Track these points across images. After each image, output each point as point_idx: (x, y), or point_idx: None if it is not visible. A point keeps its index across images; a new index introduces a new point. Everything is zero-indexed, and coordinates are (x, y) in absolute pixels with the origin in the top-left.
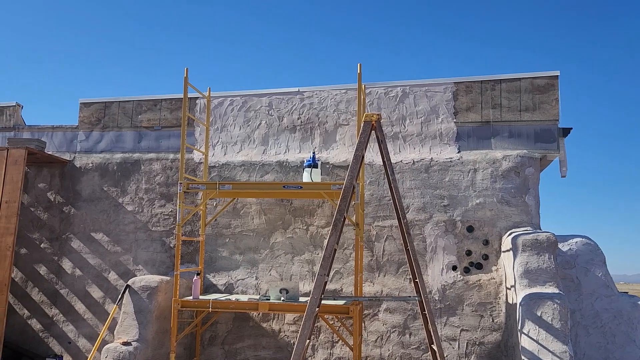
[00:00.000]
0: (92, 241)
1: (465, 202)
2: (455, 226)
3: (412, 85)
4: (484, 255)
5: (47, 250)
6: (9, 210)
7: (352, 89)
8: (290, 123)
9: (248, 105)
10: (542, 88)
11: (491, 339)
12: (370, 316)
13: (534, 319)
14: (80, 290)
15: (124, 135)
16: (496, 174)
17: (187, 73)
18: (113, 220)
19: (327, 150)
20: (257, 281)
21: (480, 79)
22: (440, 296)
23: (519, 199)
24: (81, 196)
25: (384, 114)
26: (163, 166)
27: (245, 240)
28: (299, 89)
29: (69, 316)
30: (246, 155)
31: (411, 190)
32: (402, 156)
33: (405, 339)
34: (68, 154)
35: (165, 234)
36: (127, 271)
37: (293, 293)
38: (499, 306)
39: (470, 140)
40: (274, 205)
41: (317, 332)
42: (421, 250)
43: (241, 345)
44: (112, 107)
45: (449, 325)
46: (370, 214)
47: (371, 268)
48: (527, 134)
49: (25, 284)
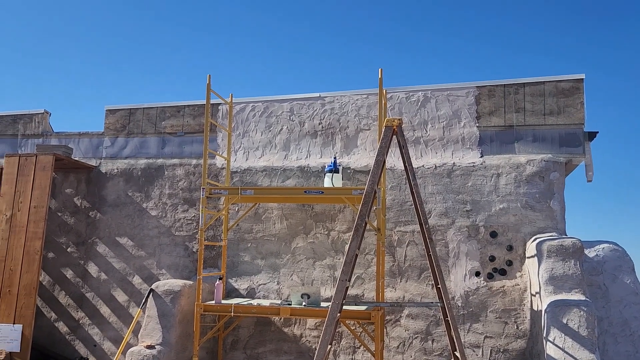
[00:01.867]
0: (117, 245)
1: (489, 207)
2: (479, 231)
3: (433, 90)
4: (507, 261)
5: (74, 254)
6: (37, 215)
7: (373, 94)
8: (312, 128)
9: (269, 110)
10: (567, 91)
11: (516, 347)
12: (392, 322)
13: (560, 327)
14: (105, 294)
15: (148, 141)
16: (520, 179)
17: (210, 80)
18: (137, 225)
19: (348, 155)
20: (279, 286)
21: (503, 82)
22: (463, 302)
23: (543, 204)
24: (106, 201)
25: (406, 118)
26: (186, 171)
27: (266, 245)
28: (320, 94)
29: (95, 319)
30: (268, 161)
31: (433, 195)
32: (424, 161)
33: (428, 346)
34: (94, 159)
35: (188, 238)
36: (151, 275)
37: (315, 298)
38: (523, 313)
39: (493, 145)
40: (295, 210)
41: (339, 338)
42: (443, 255)
43: (263, 350)
44: (137, 114)
45: (472, 332)
46: (392, 219)
47: (393, 273)
48: (552, 138)
49: (52, 287)
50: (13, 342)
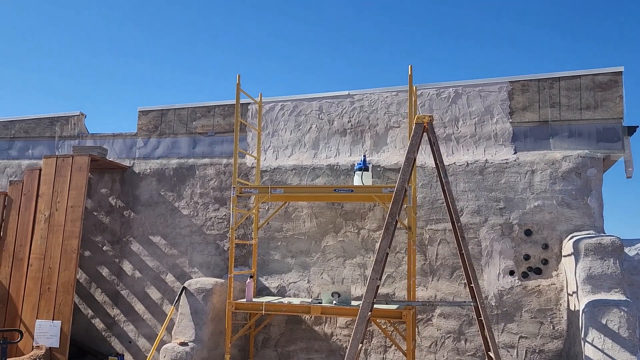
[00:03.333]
0: (151, 244)
1: (523, 204)
2: (512, 230)
3: (465, 86)
4: (543, 259)
5: (109, 252)
6: (74, 215)
7: (402, 91)
8: (341, 126)
9: (299, 109)
10: (605, 85)
11: (552, 347)
12: (424, 321)
13: (599, 327)
14: (139, 292)
15: (180, 142)
16: (555, 176)
17: (239, 80)
18: (170, 224)
19: (378, 153)
20: (309, 284)
21: (537, 77)
22: (497, 302)
23: (580, 201)
24: (140, 201)
25: (436, 115)
26: (217, 171)
27: (296, 243)
28: (349, 92)
29: (130, 316)
30: (297, 159)
31: (465, 193)
32: (455, 158)
33: (461, 345)
34: (128, 160)
35: (219, 237)
36: (184, 273)
37: (345, 297)
38: (560, 313)
39: (527, 141)
40: (325, 209)
41: (370, 337)
42: (476, 254)
43: (294, 348)
44: (168, 115)
45: (507, 332)
46: (423, 217)
47: (424, 272)
48: (589, 133)
49: (89, 285)
50: (52, 338)
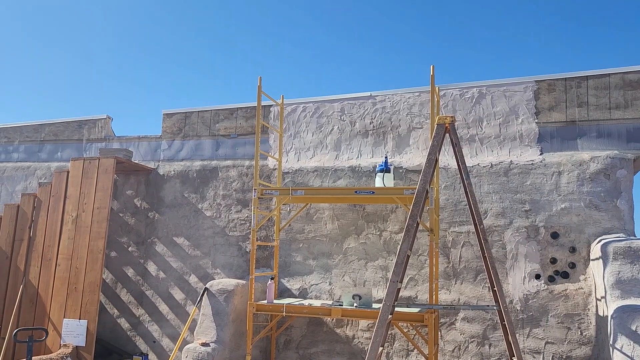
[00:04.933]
0: (174, 245)
1: (549, 207)
2: (538, 232)
3: (489, 86)
4: (570, 263)
5: (134, 253)
6: (100, 216)
7: (425, 92)
8: (363, 128)
9: (320, 111)
10: (635, 83)
11: (580, 353)
12: (446, 325)
13: (629, 334)
14: (163, 292)
15: (203, 144)
16: (583, 177)
17: (261, 82)
18: (193, 225)
19: (400, 154)
20: (331, 286)
21: (564, 76)
22: (522, 306)
23: (609, 203)
24: (164, 202)
25: (460, 116)
26: (239, 173)
27: (318, 245)
28: (370, 93)
29: (154, 316)
30: (319, 161)
31: (489, 195)
32: (479, 159)
33: (485, 350)
34: (152, 162)
35: (242, 238)
36: (206, 274)
37: (366, 299)
38: (588, 318)
39: (553, 142)
40: (346, 211)
41: (392, 340)
42: (501, 257)
43: (315, 351)
44: (192, 117)
45: (532, 337)
46: (446, 219)
47: (447, 275)
48: (618, 134)
49: (115, 285)
50: (79, 337)
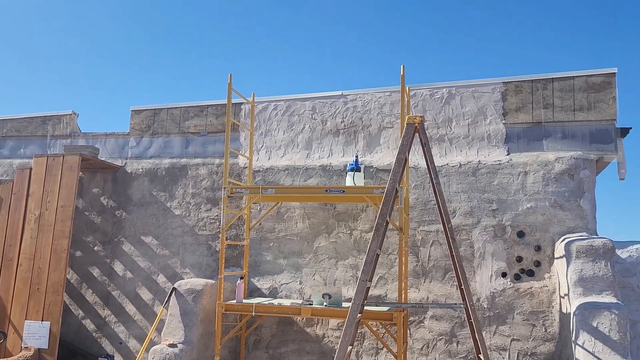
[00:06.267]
0: (142, 244)
1: (516, 206)
2: (505, 231)
3: (458, 86)
4: (535, 261)
5: (100, 252)
6: (64, 214)
7: (396, 92)
8: (334, 127)
9: (292, 109)
10: (598, 86)
11: (544, 350)
12: (415, 323)
13: (590, 330)
14: (130, 292)
15: (172, 141)
16: (548, 177)
17: (231, 79)
18: (162, 224)
19: (371, 153)
20: (301, 285)
21: (530, 78)
22: (489, 304)
23: (573, 203)
24: (132, 200)
25: (429, 116)
26: (209, 171)
27: (289, 244)
28: (342, 92)
29: (120, 317)
30: (290, 160)
31: (458, 194)
32: (448, 159)
33: (453, 348)
34: (120, 159)
35: (211, 237)
36: (175, 274)
37: (336, 298)
38: (552, 315)
39: (520, 142)
40: (317, 210)
41: (362, 339)
42: (469, 256)
43: (285, 350)
44: (161, 114)
45: (499, 334)
46: (416, 218)
47: (416, 274)
48: (582, 135)
49: (80, 285)
50: (41, 339)
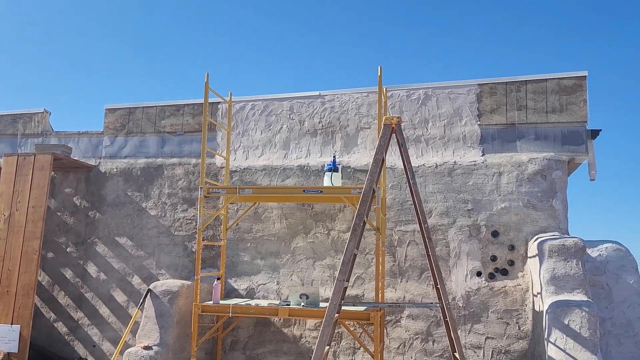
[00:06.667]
0: (117, 245)
1: (490, 206)
2: (480, 231)
3: (434, 88)
4: (509, 261)
5: (73, 254)
6: (35, 215)
7: (373, 92)
8: (312, 127)
9: (269, 109)
10: (570, 89)
11: (517, 348)
12: (392, 322)
13: (561, 328)
14: (104, 294)
15: (148, 141)
16: (522, 178)
17: (208, 78)
18: (137, 225)
19: (348, 154)
20: (278, 286)
21: (504, 80)
22: (464, 303)
23: (545, 203)
24: (106, 201)
25: (406, 116)
26: (185, 171)
27: (266, 244)
28: (320, 92)
29: (94, 319)
30: (267, 160)
31: (434, 194)
32: (425, 159)
33: (429, 346)
34: (93, 159)
35: (188, 238)
36: (150, 275)
37: (313, 298)
38: (525, 314)
39: (494, 143)
40: (295, 210)
41: (339, 339)
42: (444, 255)
43: (262, 351)
44: (136, 113)
45: (474, 332)
46: (393, 218)
47: (393, 273)
48: (554, 136)
49: (51, 287)
50: (11, 343)
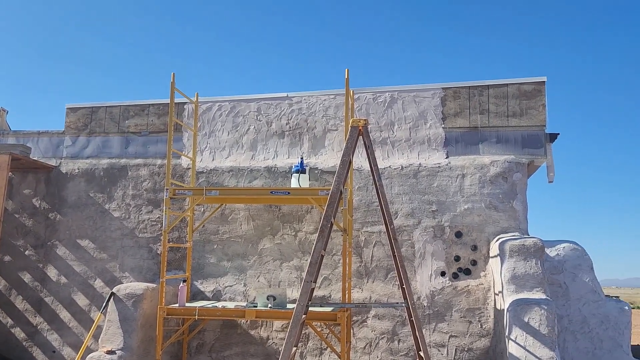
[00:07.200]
0: (78, 248)
1: (454, 207)
2: (444, 232)
3: (400, 91)
4: (472, 260)
5: (32, 257)
6: None
7: (340, 95)
8: (279, 128)
9: (236, 110)
10: (529, 94)
11: (480, 345)
12: (359, 322)
13: (521, 325)
14: (65, 298)
15: (111, 141)
16: (484, 180)
17: (174, 78)
18: (99, 227)
19: (315, 155)
20: (245, 288)
21: (468, 84)
22: (428, 302)
23: (506, 204)
24: (67, 202)
25: (373, 119)
26: (150, 172)
27: (233, 246)
28: (287, 94)
29: (54, 324)
30: (234, 161)
31: (400, 196)
32: (391, 162)
33: (394, 346)
34: (54, 159)
35: (153, 240)
36: (114, 278)
37: (280, 300)
38: (487, 312)
39: (458, 146)
40: (262, 211)
41: (306, 339)
42: (410, 256)
43: (229, 353)
44: (99, 112)
45: (438, 331)
46: (359, 219)
47: (360, 274)
48: (515, 140)
49: (9, 291)
50: None
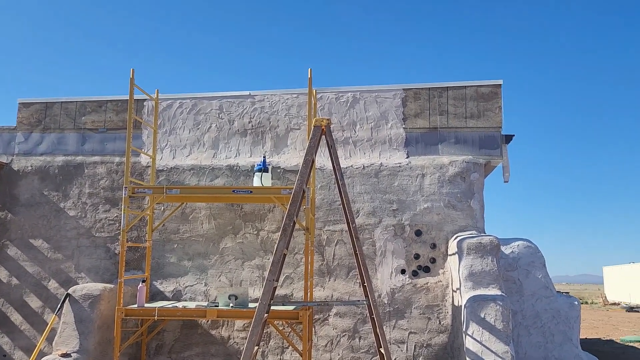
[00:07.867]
0: (31, 248)
1: (414, 206)
2: (404, 230)
3: (362, 91)
4: (431, 258)
5: None
6: None
7: (303, 94)
8: (241, 127)
9: (198, 108)
10: (487, 96)
11: (438, 341)
12: (320, 321)
13: (478, 321)
14: (17, 300)
15: (67, 137)
16: (443, 179)
17: (133, 74)
18: (54, 226)
19: (278, 154)
20: (206, 287)
21: (428, 86)
22: (389, 299)
23: (464, 203)
24: (19, 201)
25: (335, 119)
26: (108, 170)
27: (194, 245)
28: (250, 92)
29: (4, 327)
30: (196, 159)
31: (361, 195)
32: (353, 161)
33: (355, 343)
34: (5, 156)
35: (110, 239)
36: (69, 279)
37: (242, 299)
38: (445, 308)
39: (418, 146)
40: (224, 210)
41: (267, 338)
42: (371, 254)
43: (189, 354)
44: (54, 108)
45: (398, 328)
46: (321, 218)
47: (322, 272)
48: (472, 140)
49: None
50: None
